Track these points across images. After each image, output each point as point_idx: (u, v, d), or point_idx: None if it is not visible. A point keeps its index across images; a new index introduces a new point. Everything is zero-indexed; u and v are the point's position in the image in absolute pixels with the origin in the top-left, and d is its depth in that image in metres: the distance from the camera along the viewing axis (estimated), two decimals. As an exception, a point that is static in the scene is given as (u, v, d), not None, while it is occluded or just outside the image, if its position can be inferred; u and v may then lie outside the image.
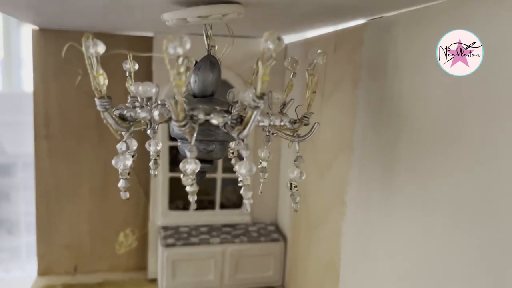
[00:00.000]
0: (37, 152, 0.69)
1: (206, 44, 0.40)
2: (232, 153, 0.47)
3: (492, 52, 0.31)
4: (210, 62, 0.38)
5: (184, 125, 0.31)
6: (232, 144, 0.45)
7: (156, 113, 0.33)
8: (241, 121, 0.34)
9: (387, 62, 0.43)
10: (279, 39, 0.30)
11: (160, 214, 0.70)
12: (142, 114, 0.34)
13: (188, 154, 0.33)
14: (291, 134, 0.38)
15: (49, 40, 0.67)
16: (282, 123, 0.36)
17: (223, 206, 0.73)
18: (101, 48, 0.32)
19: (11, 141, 1.48)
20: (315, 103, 0.39)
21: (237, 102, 0.36)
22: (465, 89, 0.33)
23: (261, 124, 0.35)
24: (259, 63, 0.30)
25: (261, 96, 0.31)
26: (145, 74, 0.67)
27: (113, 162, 0.35)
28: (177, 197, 0.72)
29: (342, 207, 0.51)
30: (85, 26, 0.64)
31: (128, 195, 0.37)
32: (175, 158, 0.70)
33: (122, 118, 0.35)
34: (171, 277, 0.66)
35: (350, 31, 0.50)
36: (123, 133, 0.35)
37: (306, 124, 0.38)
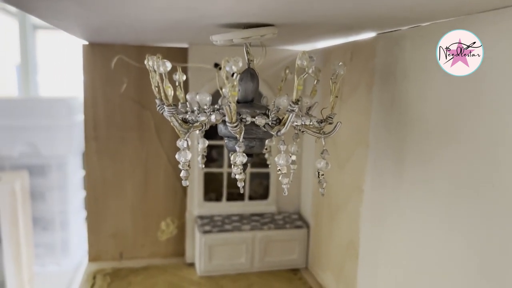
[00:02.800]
0: (88, 152, 0.78)
1: (246, 59, 0.48)
2: (266, 149, 0.56)
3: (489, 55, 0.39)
4: (250, 74, 0.47)
5: (235, 126, 0.40)
6: (267, 141, 0.53)
7: (213, 117, 0.41)
8: (279, 122, 0.42)
9: (396, 69, 0.51)
10: (311, 58, 0.38)
11: (197, 205, 0.79)
12: (201, 117, 0.42)
13: (237, 149, 0.42)
14: (318, 131, 0.46)
15: (97, 53, 0.76)
16: (311, 123, 0.45)
17: (251, 198, 0.82)
18: (168, 66, 0.40)
19: (45, 144, 1.58)
20: (327, 111, 0.47)
21: (273, 105, 0.45)
22: (463, 91, 0.41)
23: (295, 124, 0.43)
24: (295, 76, 0.39)
25: (296, 102, 0.40)
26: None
27: (176, 156, 0.44)
28: (210, 190, 0.81)
29: (360, 194, 0.59)
30: (129, 40, 0.73)
31: (188, 183, 0.45)
32: (208, 155, 0.79)
33: (184, 121, 0.43)
34: (208, 260, 0.75)
35: (364, 42, 0.58)
36: (184, 133, 0.43)
37: (330, 123, 0.46)
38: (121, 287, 0.71)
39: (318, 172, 0.46)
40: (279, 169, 0.43)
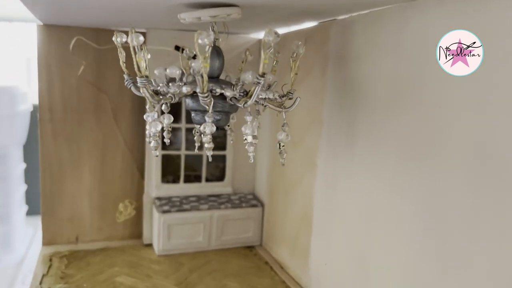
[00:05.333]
0: (43, 135, 0.77)
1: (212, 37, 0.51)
2: (228, 126, 0.59)
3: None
4: (216, 52, 0.49)
5: (206, 97, 0.43)
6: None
7: (184, 88, 0.44)
8: (245, 94, 0.46)
9: (348, 52, 0.56)
10: (276, 34, 0.42)
11: (154, 186, 0.80)
12: (172, 89, 0.45)
13: (207, 119, 0.44)
14: (279, 106, 0.50)
15: (53, 34, 0.75)
16: (273, 97, 0.48)
17: (207, 180, 0.85)
18: (141, 40, 0.42)
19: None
20: (287, 87, 0.51)
21: (237, 81, 0.48)
22: (408, 67, 0.46)
23: (260, 97, 0.47)
24: (261, 51, 0.42)
25: (262, 75, 0.43)
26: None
27: (147, 127, 0.46)
28: (167, 172, 0.83)
29: (314, 168, 0.64)
30: (86, 23, 0.73)
31: (158, 153, 0.47)
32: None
33: (156, 93, 0.45)
34: (167, 239, 0.77)
35: (318, 28, 0.63)
36: (154, 104, 0.46)
37: (290, 98, 0.50)
38: (79, 267, 0.72)
39: (279, 144, 0.50)
40: (245, 139, 0.47)
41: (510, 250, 0.34)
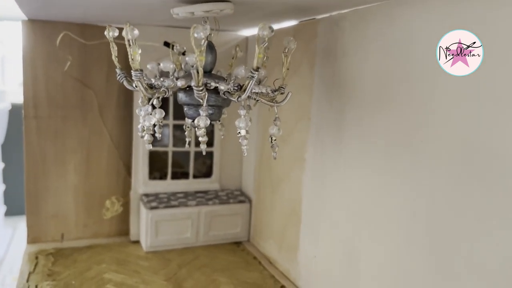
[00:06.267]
0: (27, 131, 0.76)
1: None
2: (219, 121, 0.59)
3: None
4: (209, 46, 0.50)
5: (201, 90, 0.43)
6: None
7: (179, 82, 0.44)
8: (239, 88, 0.46)
9: (336, 49, 0.57)
10: (270, 28, 0.43)
11: (141, 183, 0.80)
12: (167, 82, 0.45)
13: (201, 112, 0.45)
14: (271, 100, 0.50)
15: (38, 29, 0.75)
16: (266, 91, 0.49)
17: (195, 176, 0.85)
18: (136, 33, 0.43)
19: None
20: (279, 82, 0.52)
21: (229, 75, 0.49)
22: (394, 63, 0.47)
23: (253, 91, 0.48)
24: (256, 45, 0.43)
25: (256, 69, 0.44)
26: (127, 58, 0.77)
27: (140, 120, 0.46)
28: (154, 169, 0.83)
29: (302, 163, 0.65)
30: (72, 18, 0.73)
31: (151, 147, 0.48)
32: (153, 135, 0.81)
33: (150, 86, 0.46)
34: (154, 236, 0.77)
35: (307, 24, 0.64)
36: (149, 97, 0.46)
37: (282, 93, 0.51)
38: (67, 265, 0.71)
39: (271, 137, 0.51)
40: (239, 132, 0.47)
41: (497, 244, 0.36)
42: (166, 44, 0.75)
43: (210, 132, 0.84)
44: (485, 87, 0.37)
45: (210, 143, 0.85)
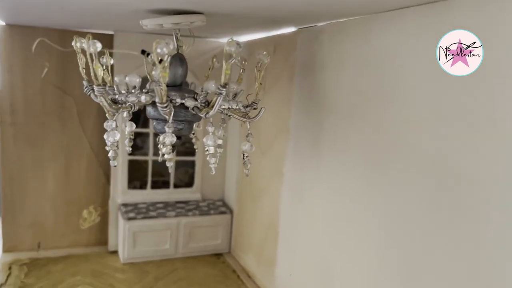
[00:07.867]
0: (3, 138, 0.75)
1: (175, 44, 0.50)
2: (193, 133, 0.58)
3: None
4: (179, 59, 0.48)
5: (165, 107, 0.42)
6: (195, 126, 0.55)
7: (143, 97, 0.43)
8: (207, 104, 0.45)
9: (315, 62, 0.55)
10: (238, 44, 0.41)
11: (120, 192, 0.79)
12: (131, 98, 0.43)
13: (166, 129, 0.43)
14: (243, 116, 0.49)
15: (16, 35, 0.73)
16: (237, 107, 0.47)
17: (176, 186, 0.83)
18: (98, 46, 0.41)
19: None
20: (252, 97, 0.51)
21: (201, 90, 0.47)
22: (364, 81, 0.46)
23: (222, 107, 0.46)
24: (223, 62, 0.42)
25: (224, 85, 0.42)
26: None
27: (105, 136, 0.44)
28: (134, 178, 0.81)
29: (280, 177, 0.63)
30: (52, 24, 0.71)
31: (116, 163, 0.46)
32: (133, 143, 0.79)
33: (114, 101, 0.44)
34: (132, 247, 0.75)
35: (286, 36, 0.62)
36: (112, 113, 0.44)
37: (255, 109, 0.49)
38: (40, 276, 0.69)
39: (243, 154, 0.49)
40: (207, 150, 0.46)
41: (468, 264, 0.35)
42: (143, 52, 0.73)
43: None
44: (459, 104, 0.35)
45: (192, 152, 0.83)
